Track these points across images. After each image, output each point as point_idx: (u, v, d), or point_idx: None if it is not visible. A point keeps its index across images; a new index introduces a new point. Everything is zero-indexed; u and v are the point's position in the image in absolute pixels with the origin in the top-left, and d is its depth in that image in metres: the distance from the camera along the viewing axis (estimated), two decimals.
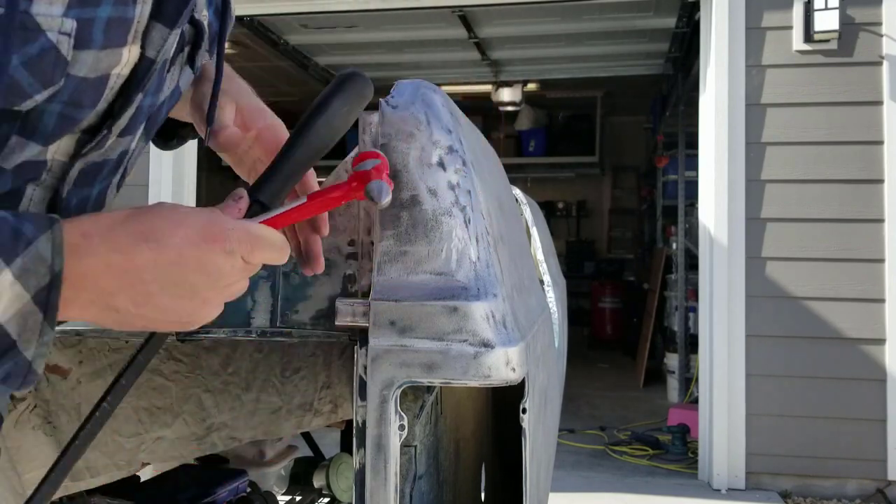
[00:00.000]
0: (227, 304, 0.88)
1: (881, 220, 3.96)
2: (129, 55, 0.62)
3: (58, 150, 0.63)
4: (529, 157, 9.26)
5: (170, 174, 4.51)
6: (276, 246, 0.64)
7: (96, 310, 0.58)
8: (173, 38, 0.66)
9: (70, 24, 0.57)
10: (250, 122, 0.81)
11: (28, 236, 0.54)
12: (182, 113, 0.82)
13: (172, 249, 0.58)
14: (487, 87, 7.32)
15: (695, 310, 5.21)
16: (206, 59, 0.76)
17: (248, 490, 1.73)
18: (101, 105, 0.63)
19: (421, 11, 5.00)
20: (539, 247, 2.34)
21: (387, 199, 0.69)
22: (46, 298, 0.54)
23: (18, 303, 0.53)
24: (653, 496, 3.95)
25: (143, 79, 0.64)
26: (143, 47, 0.63)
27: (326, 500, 2.06)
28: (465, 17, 5.13)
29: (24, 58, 0.56)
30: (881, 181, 3.97)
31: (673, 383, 6.03)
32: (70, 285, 0.55)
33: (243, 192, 0.68)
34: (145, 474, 1.63)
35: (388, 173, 0.73)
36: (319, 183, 0.79)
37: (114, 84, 0.63)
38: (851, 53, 4.00)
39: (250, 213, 0.67)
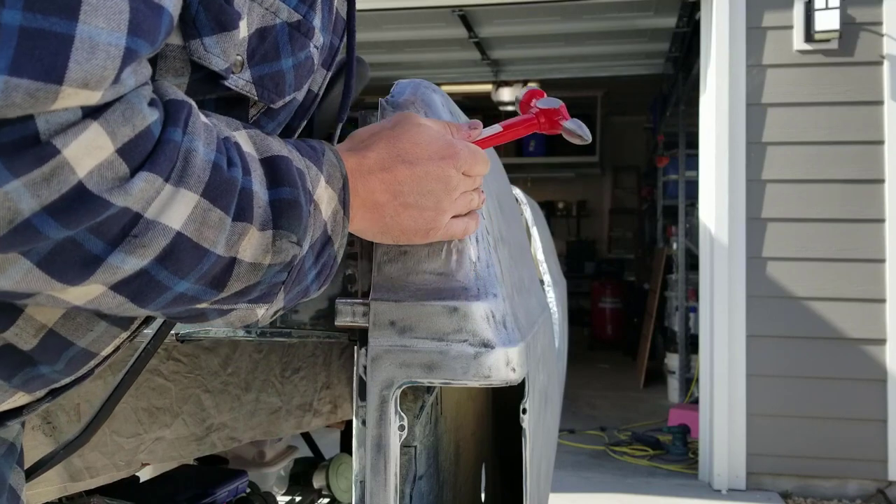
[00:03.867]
0: None
1: (882, 220, 3.96)
2: (308, 83, 0.71)
3: None
4: (529, 157, 9.26)
5: None
6: (485, 160, 0.77)
7: (367, 218, 0.71)
8: (326, 79, 0.77)
9: (321, 40, 0.66)
10: None
11: (320, 149, 0.65)
12: None
13: (421, 167, 0.71)
14: (487, 87, 7.32)
15: (695, 310, 5.21)
16: None
17: (248, 490, 1.72)
18: (277, 129, 0.70)
19: (421, 11, 5.00)
20: (539, 247, 2.34)
21: (588, 134, 0.82)
22: (344, 196, 0.66)
23: (332, 203, 0.64)
24: (653, 496, 3.95)
25: (308, 109, 0.74)
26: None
27: (326, 500, 2.06)
28: (465, 17, 5.13)
29: (295, 61, 0.64)
30: (882, 181, 3.96)
31: (673, 383, 6.02)
32: (352, 195, 0.67)
33: (479, 123, 0.82)
34: (145, 475, 1.63)
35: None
36: None
37: (294, 109, 0.71)
38: (852, 53, 4.00)
39: None
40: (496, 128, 0.83)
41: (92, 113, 0.45)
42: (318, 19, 0.65)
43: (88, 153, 0.45)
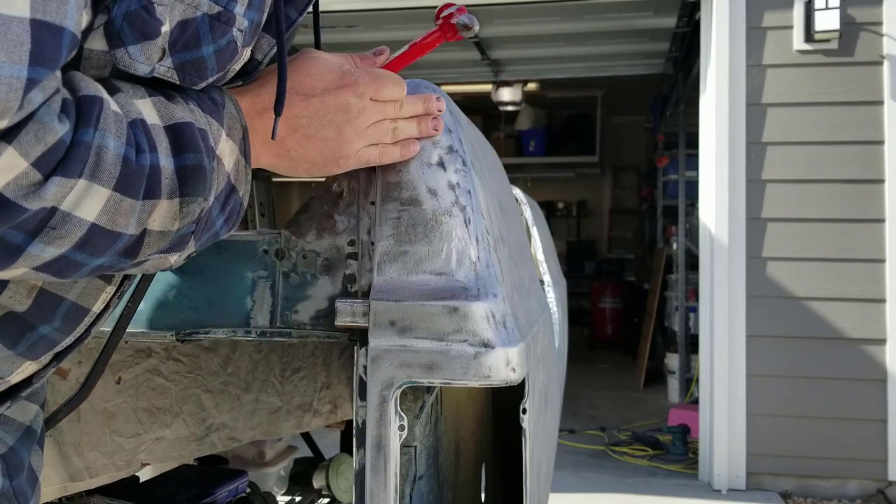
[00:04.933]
0: (226, 304, 0.88)
1: (882, 220, 3.96)
2: (245, 54, 0.73)
3: None
4: (529, 157, 9.26)
5: None
6: (395, 81, 0.77)
7: (273, 154, 0.74)
8: (272, 48, 0.77)
9: (246, 23, 0.68)
10: None
11: (220, 102, 0.68)
12: None
13: (316, 98, 0.73)
14: (487, 87, 7.32)
15: (695, 310, 5.21)
16: None
17: (248, 490, 1.73)
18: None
19: (421, 11, 4.99)
20: (539, 247, 2.34)
21: (477, 26, 0.79)
22: (244, 146, 0.69)
23: (233, 154, 0.68)
24: (653, 496, 3.95)
25: (251, 75, 0.76)
26: (253, 50, 0.75)
27: (326, 500, 2.06)
28: None
29: (216, 47, 0.66)
30: (882, 181, 3.96)
31: (673, 383, 6.02)
32: (251, 134, 0.71)
33: (385, 49, 0.82)
34: (145, 475, 1.63)
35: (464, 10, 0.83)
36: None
37: (229, 77, 0.73)
38: (852, 53, 4.00)
39: None
40: (403, 48, 0.83)
41: (5, 136, 0.48)
42: (240, 6, 0.67)
43: (3, 172, 0.49)
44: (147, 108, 0.61)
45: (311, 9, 0.84)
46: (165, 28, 0.61)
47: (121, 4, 0.58)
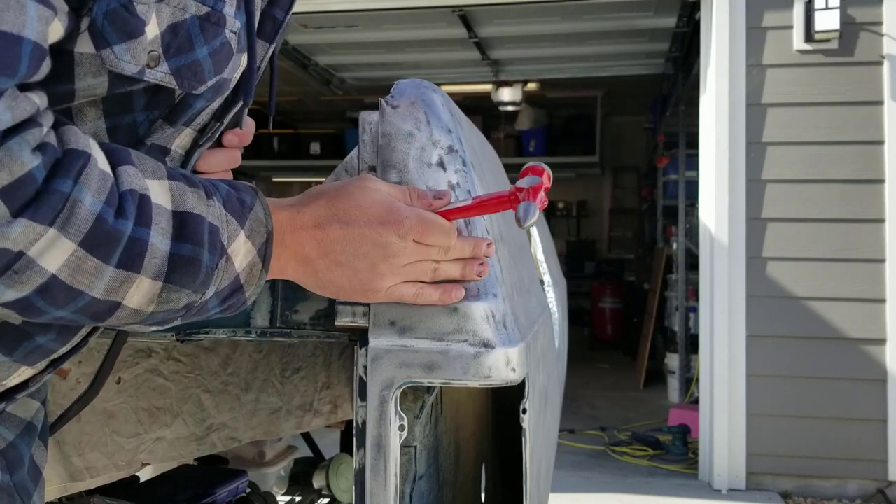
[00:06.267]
0: None
1: (882, 220, 3.96)
2: (243, 62, 0.73)
3: (179, 143, 0.73)
4: (529, 156, 9.25)
5: None
6: (444, 229, 0.75)
7: (300, 269, 0.74)
8: (269, 52, 0.79)
9: (238, 25, 0.68)
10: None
11: (249, 203, 0.69)
12: None
13: (356, 229, 0.72)
14: (487, 87, 7.31)
15: (695, 310, 5.21)
16: None
17: (248, 490, 1.73)
18: (218, 103, 0.73)
19: (421, 11, 4.99)
20: (539, 247, 2.34)
21: (529, 223, 0.74)
22: (265, 251, 0.70)
23: (249, 256, 0.69)
24: (653, 496, 3.95)
25: (248, 83, 0.77)
26: (249, 57, 0.75)
27: (326, 500, 2.06)
28: (465, 17, 5.13)
29: (210, 49, 0.67)
30: (882, 181, 3.96)
31: (673, 383, 6.02)
32: (277, 243, 0.71)
33: (447, 193, 0.80)
34: (145, 475, 1.63)
35: (547, 189, 0.77)
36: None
37: (231, 86, 0.74)
38: (852, 53, 4.00)
39: None
40: (466, 200, 0.79)
41: None
42: (229, 6, 0.67)
43: None
44: (159, 189, 0.62)
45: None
46: (150, 28, 0.62)
47: (100, 4, 0.59)
